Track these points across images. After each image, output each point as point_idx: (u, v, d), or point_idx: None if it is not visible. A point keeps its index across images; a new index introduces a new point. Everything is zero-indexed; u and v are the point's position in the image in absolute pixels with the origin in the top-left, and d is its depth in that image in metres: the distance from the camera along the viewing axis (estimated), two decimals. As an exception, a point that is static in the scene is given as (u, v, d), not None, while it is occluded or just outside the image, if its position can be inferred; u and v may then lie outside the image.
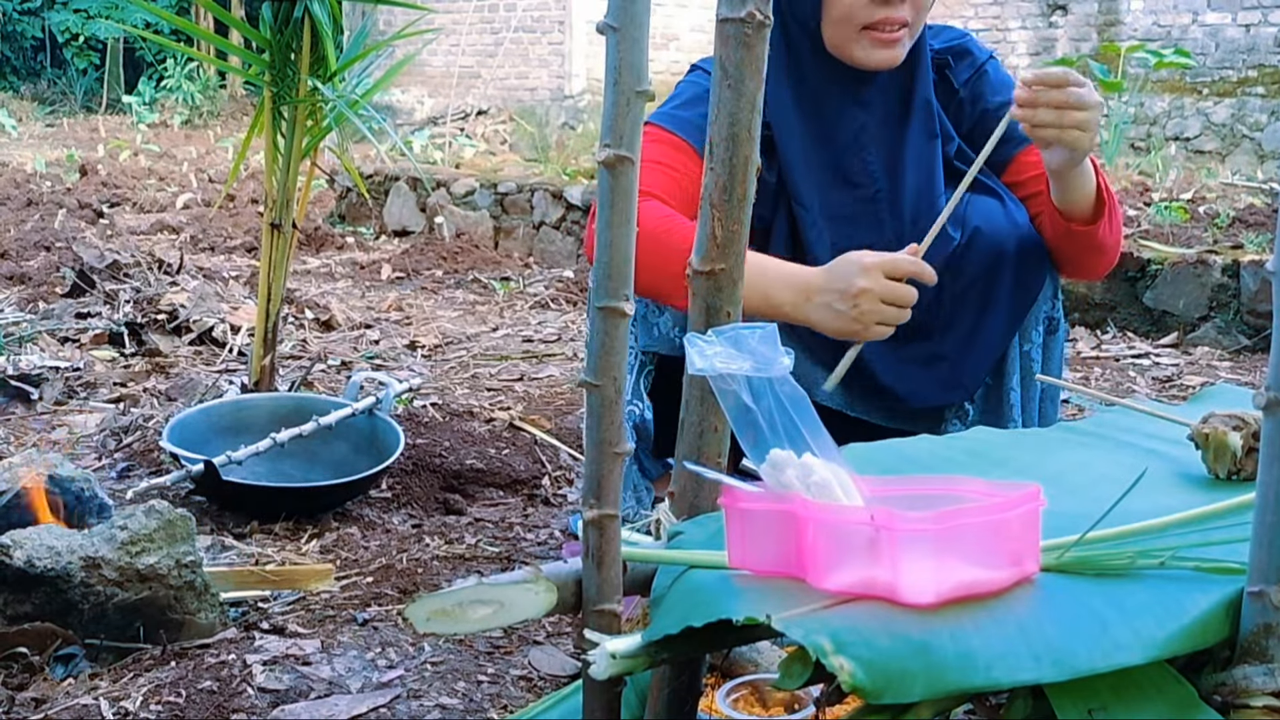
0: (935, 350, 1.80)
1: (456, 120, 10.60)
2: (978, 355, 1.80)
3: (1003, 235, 1.78)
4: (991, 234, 1.77)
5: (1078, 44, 8.93)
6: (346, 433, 2.36)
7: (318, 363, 3.32)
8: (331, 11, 2.62)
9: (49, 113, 14.82)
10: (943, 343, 1.80)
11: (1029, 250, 1.79)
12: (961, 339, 1.79)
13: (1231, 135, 8.26)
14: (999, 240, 1.77)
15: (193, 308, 3.56)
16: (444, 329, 4.04)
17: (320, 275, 5.16)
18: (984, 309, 1.79)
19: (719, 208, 1.15)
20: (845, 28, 1.71)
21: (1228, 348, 3.79)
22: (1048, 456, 1.27)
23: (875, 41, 1.71)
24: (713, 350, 0.95)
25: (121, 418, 2.68)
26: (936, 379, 1.81)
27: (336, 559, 1.98)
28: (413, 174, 6.25)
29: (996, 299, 1.79)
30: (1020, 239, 1.78)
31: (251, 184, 7.42)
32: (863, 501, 0.93)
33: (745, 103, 1.16)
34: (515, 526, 2.18)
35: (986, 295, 1.79)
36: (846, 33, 1.71)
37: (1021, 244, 1.79)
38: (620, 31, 1.00)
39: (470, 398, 3.04)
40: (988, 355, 1.80)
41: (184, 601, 1.63)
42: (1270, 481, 0.81)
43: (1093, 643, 0.79)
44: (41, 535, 1.61)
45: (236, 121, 13.26)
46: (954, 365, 1.80)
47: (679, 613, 0.90)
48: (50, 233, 5.38)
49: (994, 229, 1.78)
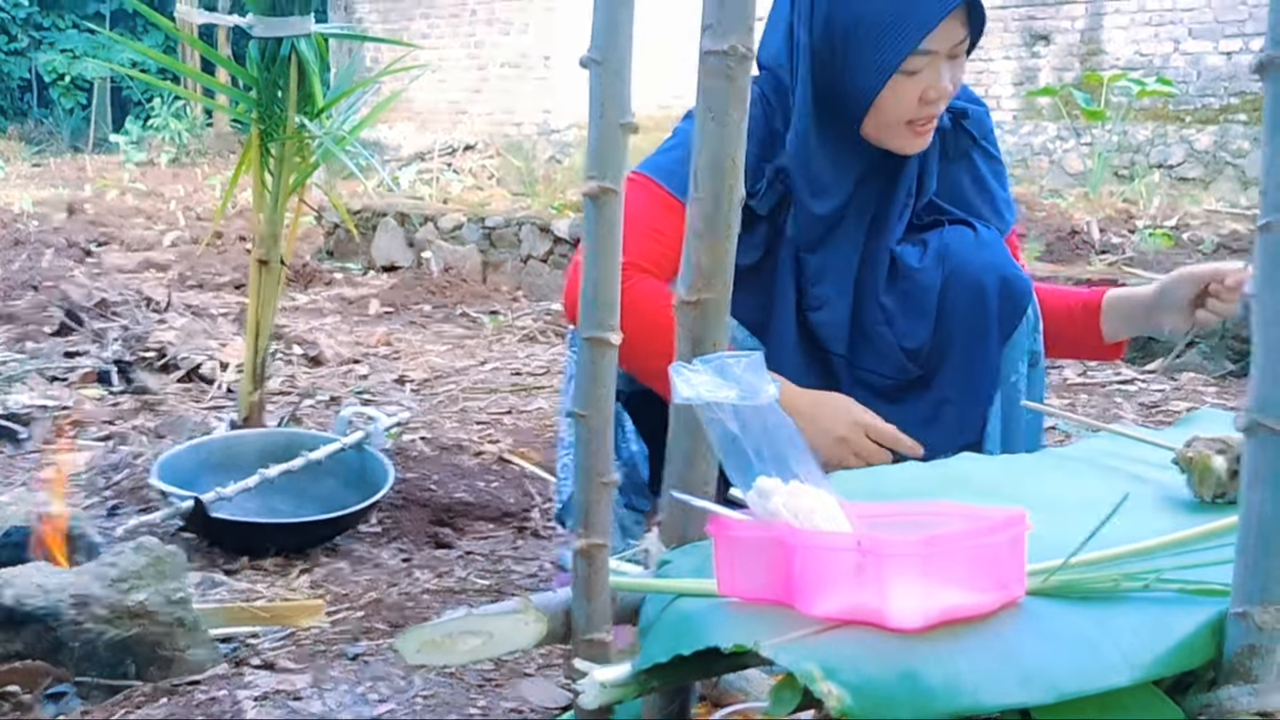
0: (937, 397, 1.80)
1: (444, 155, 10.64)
2: (978, 390, 1.80)
3: (981, 267, 1.79)
4: (971, 267, 1.78)
5: (1061, 73, 9.00)
6: (336, 468, 2.36)
7: (306, 398, 3.32)
8: (318, 49, 2.64)
9: (36, 152, 14.82)
10: (942, 387, 1.80)
11: (1009, 278, 1.80)
12: (959, 378, 1.79)
13: (1215, 162, 8.33)
14: (978, 273, 1.78)
15: (181, 345, 3.57)
16: (433, 363, 4.05)
17: (309, 311, 5.17)
18: (973, 342, 1.79)
19: (704, 238, 1.16)
20: (892, 125, 1.72)
21: (1213, 373, 3.81)
22: (1034, 482, 1.28)
23: (915, 133, 1.73)
24: (699, 379, 0.96)
25: (110, 455, 2.67)
26: (944, 429, 1.81)
27: (327, 594, 1.98)
28: (400, 209, 6.27)
29: (986, 330, 1.79)
30: (998, 267, 1.79)
31: (239, 221, 7.44)
32: (849, 527, 0.94)
33: (729, 134, 1.17)
34: (505, 559, 2.18)
35: (974, 329, 1.79)
36: (891, 128, 1.73)
37: (1001, 273, 1.79)
38: (603, 65, 1.01)
39: (459, 431, 3.04)
40: (987, 388, 1.81)
41: (174, 638, 1.62)
42: (1252, 503, 0.82)
43: (1079, 665, 0.80)
44: (31, 574, 1.61)
45: (224, 159, 13.28)
46: (959, 407, 1.80)
47: (668, 641, 0.91)
48: (38, 272, 5.38)
49: (972, 261, 1.79)
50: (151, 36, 16.58)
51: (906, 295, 1.78)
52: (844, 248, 1.80)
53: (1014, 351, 1.83)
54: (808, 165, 1.73)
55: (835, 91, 1.72)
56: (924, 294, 1.77)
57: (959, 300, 1.76)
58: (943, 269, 1.78)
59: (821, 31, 1.69)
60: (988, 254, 1.80)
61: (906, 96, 1.69)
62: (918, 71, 1.67)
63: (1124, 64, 8.69)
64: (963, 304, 1.77)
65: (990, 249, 1.81)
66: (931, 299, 1.77)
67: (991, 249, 1.81)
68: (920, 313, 1.77)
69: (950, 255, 1.77)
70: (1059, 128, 8.56)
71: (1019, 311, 1.80)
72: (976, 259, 1.78)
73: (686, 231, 1.16)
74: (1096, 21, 9.11)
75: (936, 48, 1.66)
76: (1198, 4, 8.70)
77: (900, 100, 1.69)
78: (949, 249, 1.78)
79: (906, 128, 1.72)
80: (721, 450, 0.98)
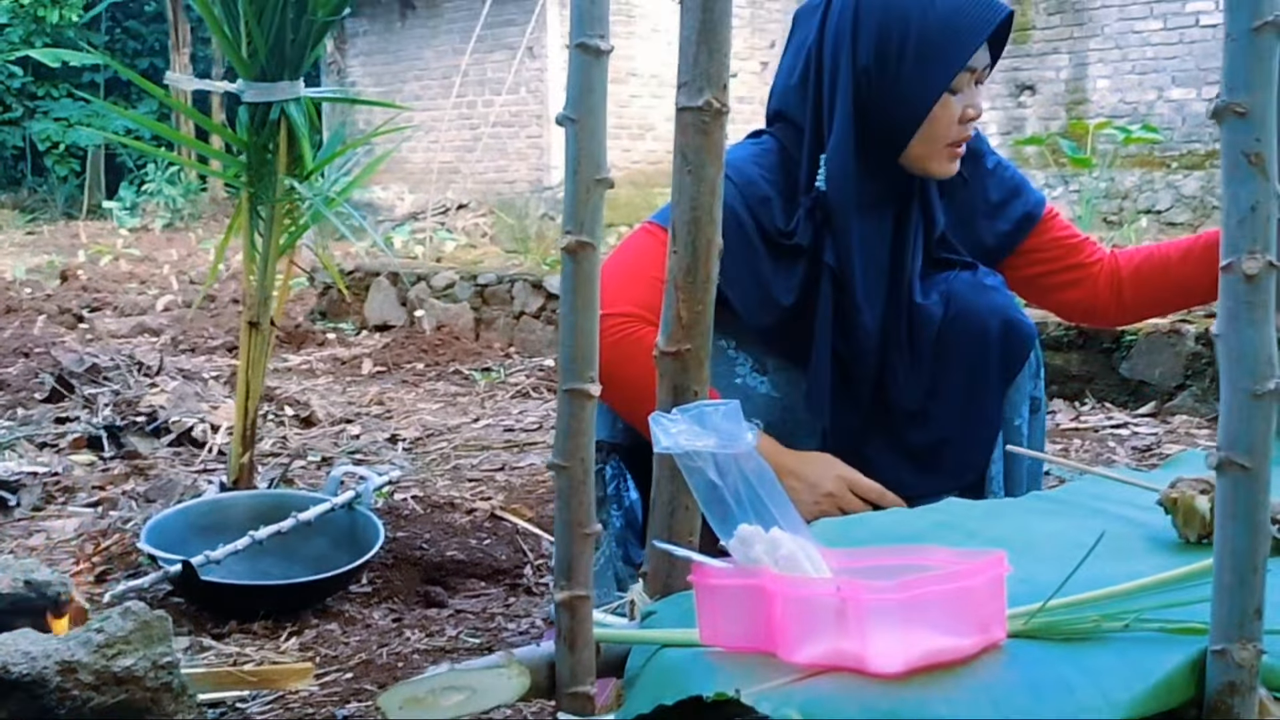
0: (937, 435, 1.80)
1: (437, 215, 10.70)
2: (978, 431, 1.81)
3: (983, 309, 1.79)
4: (973, 308, 1.79)
5: (1047, 123, 9.10)
6: (326, 528, 2.35)
7: (297, 459, 3.31)
8: (308, 112, 2.66)
9: (30, 220, 14.90)
10: (941, 426, 1.81)
11: (1011, 321, 1.81)
12: (958, 418, 1.80)
13: (1202, 206, 8.39)
14: (981, 315, 1.79)
15: (172, 409, 3.56)
16: (425, 421, 4.05)
17: (301, 372, 5.17)
18: (974, 383, 1.80)
19: (683, 289, 1.17)
20: (936, 145, 1.75)
21: (1205, 415, 3.82)
22: (1019, 525, 1.28)
23: (952, 156, 1.77)
24: (677, 428, 0.97)
25: (99, 521, 2.67)
26: (946, 470, 1.81)
27: (316, 655, 1.97)
28: (393, 269, 6.30)
29: (986, 373, 1.80)
30: (1000, 310, 1.80)
31: (233, 284, 7.46)
32: (830, 574, 0.94)
33: (705, 188, 1.18)
34: (497, 616, 2.17)
35: (975, 370, 1.79)
36: (935, 149, 1.76)
37: (1003, 316, 1.80)
38: (579, 123, 1.02)
39: (451, 489, 3.04)
40: (988, 431, 1.81)
41: (161, 703, 1.61)
42: (1226, 539, 0.82)
43: (1060, 706, 0.80)
44: (17, 640, 1.60)
45: (218, 224, 13.34)
46: (958, 448, 1.80)
47: (652, 692, 0.91)
48: (29, 339, 5.39)
49: (974, 304, 1.80)
50: (146, 104, 16.74)
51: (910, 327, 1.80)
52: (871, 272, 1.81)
53: (1017, 395, 1.83)
54: (845, 188, 1.75)
55: (882, 113, 1.74)
56: (922, 327, 1.78)
57: (960, 341, 1.78)
58: (946, 309, 1.79)
59: (871, 51, 1.71)
60: (994, 298, 1.81)
61: (952, 116, 1.73)
62: (960, 90, 1.72)
63: (1109, 112, 8.79)
64: (963, 345, 1.78)
65: (996, 293, 1.82)
66: (928, 333, 1.78)
67: (997, 293, 1.82)
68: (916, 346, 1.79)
69: (955, 297, 1.79)
70: (1046, 176, 8.63)
71: (1022, 356, 1.81)
72: (981, 301, 1.80)
73: (666, 283, 1.17)
74: (1081, 71, 9.22)
75: (976, 64, 1.72)
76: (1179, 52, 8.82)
77: (949, 119, 1.73)
78: (954, 290, 1.80)
79: (947, 149, 1.76)
80: (702, 499, 0.98)
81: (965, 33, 1.69)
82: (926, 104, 1.71)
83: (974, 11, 1.69)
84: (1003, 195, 1.92)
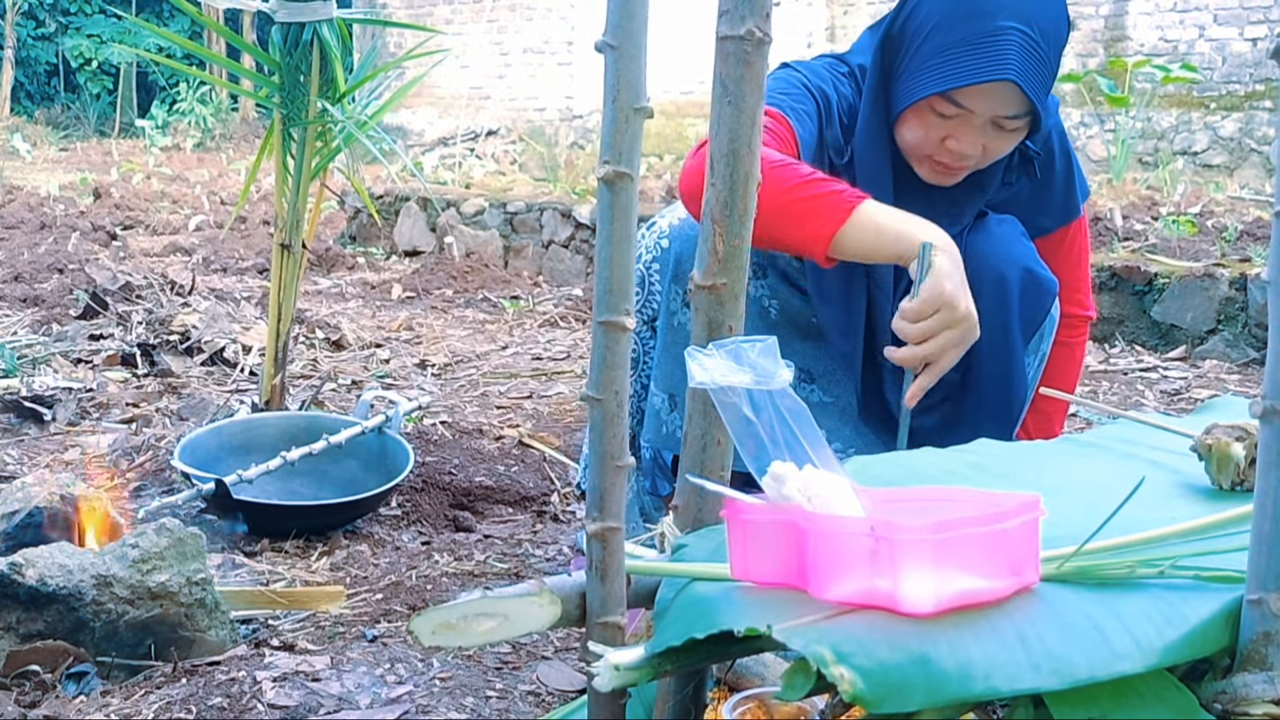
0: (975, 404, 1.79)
1: (466, 141, 10.65)
2: (1012, 387, 1.79)
3: (1005, 261, 1.76)
4: (995, 263, 1.75)
5: (1085, 59, 8.93)
6: (356, 451, 2.37)
7: (328, 382, 3.33)
8: (340, 34, 2.64)
9: (63, 137, 14.91)
10: (980, 393, 1.79)
11: (1031, 270, 1.78)
12: (995, 380, 1.78)
13: (1239, 149, 8.26)
14: (1002, 267, 1.75)
15: (204, 328, 3.58)
16: (454, 348, 4.06)
17: (331, 295, 5.19)
18: (1003, 339, 1.76)
19: (720, 223, 1.16)
20: (910, 146, 1.73)
21: (1236, 360, 3.79)
22: (1051, 468, 1.27)
23: (934, 168, 1.73)
24: (713, 364, 0.96)
25: (134, 438, 2.69)
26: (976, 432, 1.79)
27: (346, 576, 1.99)
28: (423, 194, 6.28)
29: (1010, 326, 1.77)
30: (1020, 259, 1.77)
31: (263, 205, 7.46)
32: (863, 513, 0.94)
33: (745, 119, 1.17)
34: (524, 543, 2.19)
35: (1002, 326, 1.76)
36: (912, 151, 1.74)
37: (1023, 265, 1.77)
38: (618, 49, 1.01)
39: (479, 415, 3.05)
40: (1021, 384, 1.80)
41: (194, 619, 1.64)
42: (1268, 489, 0.81)
43: (1092, 651, 0.79)
44: (53, 554, 1.62)
45: (249, 144, 13.32)
46: (995, 414, 1.79)
47: (682, 625, 0.91)
48: (64, 256, 5.42)
49: (995, 256, 1.76)
50: (177, 22, 16.67)
51: None
52: None
53: (1031, 357, 1.82)
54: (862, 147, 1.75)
55: (888, 84, 1.73)
56: None
57: (985, 297, 1.65)
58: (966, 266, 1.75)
59: (902, 24, 1.71)
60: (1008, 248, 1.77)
61: (931, 131, 1.69)
62: (949, 117, 1.66)
63: (1148, 50, 8.62)
64: (989, 301, 1.68)
65: (1012, 241, 1.78)
66: None
67: (1012, 241, 1.78)
68: None
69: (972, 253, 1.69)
70: (1083, 114, 8.50)
71: (1043, 311, 1.78)
72: (998, 253, 1.76)
73: (703, 217, 1.16)
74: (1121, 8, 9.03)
75: (973, 107, 1.65)
76: (1224, -12, 8.62)
77: (924, 130, 1.69)
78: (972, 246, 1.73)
79: (926, 158, 1.72)
80: (736, 435, 0.98)
81: (960, 65, 1.64)
82: (902, 102, 1.70)
83: (976, 60, 1.62)
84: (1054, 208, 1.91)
